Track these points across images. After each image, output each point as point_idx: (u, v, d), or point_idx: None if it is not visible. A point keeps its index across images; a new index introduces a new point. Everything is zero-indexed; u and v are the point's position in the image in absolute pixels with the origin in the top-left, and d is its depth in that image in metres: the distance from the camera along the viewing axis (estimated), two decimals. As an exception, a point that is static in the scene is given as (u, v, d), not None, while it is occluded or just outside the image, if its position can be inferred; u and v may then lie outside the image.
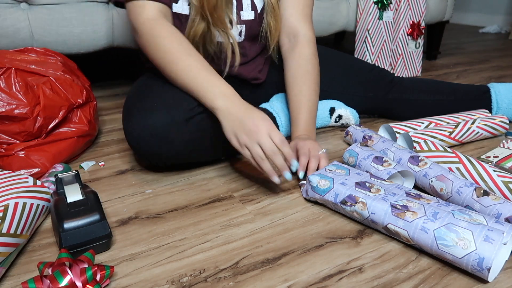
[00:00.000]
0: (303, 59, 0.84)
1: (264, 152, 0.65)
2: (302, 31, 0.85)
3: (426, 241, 0.54)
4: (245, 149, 0.66)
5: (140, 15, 0.73)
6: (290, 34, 0.86)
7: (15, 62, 0.82)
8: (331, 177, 0.67)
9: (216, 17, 0.77)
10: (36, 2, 1.04)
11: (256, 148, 0.64)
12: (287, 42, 0.87)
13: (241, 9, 0.83)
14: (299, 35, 0.85)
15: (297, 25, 0.85)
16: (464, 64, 1.76)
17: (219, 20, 0.78)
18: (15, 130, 0.78)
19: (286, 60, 0.86)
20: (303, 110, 0.82)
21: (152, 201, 0.72)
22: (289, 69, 0.85)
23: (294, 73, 0.84)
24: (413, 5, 1.47)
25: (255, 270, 0.55)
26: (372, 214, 0.60)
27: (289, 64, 0.85)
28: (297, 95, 0.83)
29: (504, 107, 1.02)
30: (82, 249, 0.56)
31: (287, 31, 0.86)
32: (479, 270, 0.50)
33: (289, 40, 0.86)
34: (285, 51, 0.87)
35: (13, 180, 0.62)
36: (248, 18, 0.84)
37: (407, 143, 0.90)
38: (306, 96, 0.83)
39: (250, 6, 0.83)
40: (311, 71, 0.84)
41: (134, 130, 0.72)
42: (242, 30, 0.85)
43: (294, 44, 0.86)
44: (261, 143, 0.64)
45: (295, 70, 0.84)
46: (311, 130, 0.82)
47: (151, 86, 0.78)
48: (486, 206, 0.61)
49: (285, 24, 0.86)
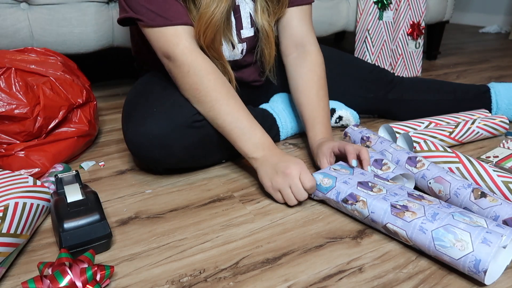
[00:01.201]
0: (318, 66, 0.85)
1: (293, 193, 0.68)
2: (310, 41, 0.87)
3: (423, 241, 0.54)
4: (278, 193, 0.69)
5: (177, 45, 0.70)
6: (298, 44, 0.86)
7: (15, 62, 0.82)
8: (334, 176, 0.68)
9: (213, 51, 0.76)
10: (36, 2, 1.04)
11: (287, 191, 0.68)
12: (295, 51, 0.87)
13: (241, 28, 0.82)
14: (307, 45, 0.86)
15: (306, 35, 0.86)
16: (464, 64, 1.76)
17: (216, 53, 0.77)
18: (15, 130, 0.78)
19: (296, 67, 0.86)
20: (322, 114, 0.82)
21: (152, 201, 0.72)
22: (301, 75, 0.85)
23: (309, 78, 0.84)
24: (413, 5, 1.47)
25: (255, 270, 0.55)
26: (372, 213, 0.60)
27: (301, 71, 0.85)
28: (314, 99, 0.83)
29: (504, 107, 1.02)
30: (82, 249, 0.56)
31: (295, 40, 0.86)
32: (476, 272, 0.50)
33: (297, 49, 0.87)
34: (293, 59, 0.87)
35: (13, 180, 0.62)
36: (248, 36, 0.84)
37: (407, 143, 0.90)
38: (324, 100, 0.83)
39: (250, 23, 0.83)
40: (324, 77, 0.86)
41: (133, 136, 0.72)
42: (243, 48, 0.85)
43: (305, 53, 0.86)
44: (292, 186, 0.67)
45: (311, 76, 0.84)
46: (331, 132, 0.83)
47: (151, 90, 0.78)
48: (483, 208, 0.61)
49: (292, 33, 0.86)
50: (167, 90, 0.76)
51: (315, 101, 0.82)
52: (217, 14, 0.72)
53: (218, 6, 0.72)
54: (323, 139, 0.79)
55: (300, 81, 0.85)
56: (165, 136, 0.71)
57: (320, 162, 0.76)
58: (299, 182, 0.67)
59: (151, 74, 0.86)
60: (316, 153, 0.78)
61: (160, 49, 0.72)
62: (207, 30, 0.73)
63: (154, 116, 0.71)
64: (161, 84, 0.79)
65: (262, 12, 0.81)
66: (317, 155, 0.77)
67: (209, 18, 0.72)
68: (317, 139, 0.80)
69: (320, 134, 0.80)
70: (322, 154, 0.76)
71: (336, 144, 0.75)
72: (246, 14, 0.82)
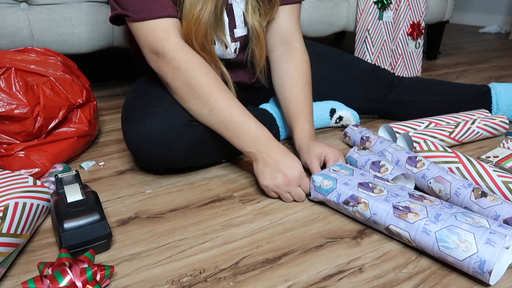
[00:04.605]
0: (304, 64, 0.85)
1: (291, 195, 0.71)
2: (296, 39, 0.86)
3: (427, 242, 0.54)
4: (273, 193, 0.71)
5: (167, 39, 0.68)
6: (284, 40, 0.86)
7: (15, 62, 0.82)
8: (334, 177, 0.67)
9: (206, 53, 0.76)
10: (36, 2, 1.04)
11: (286, 195, 0.70)
12: (281, 47, 0.86)
13: (234, 27, 0.82)
14: (293, 42, 0.86)
15: (292, 32, 0.86)
16: (464, 64, 1.76)
17: (210, 55, 0.76)
18: (15, 130, 0.78)
19: (282, 63, 0.86)
20: (308, 110, 0.82)
21: (152, 201, 0.72)
22: (287, 71, 0.85)
23: (295, 74, 0.84)
24: (413, 5, 1.47)
25: (255, 270, 0.55)
26: (374, 214, 0.60)
27: (287, 67, 0.85)
28: (301, 95, 0.83)
29: (504, 107, 1.02)
30: (82, 249, 0.56)
31: (281, 37, 0.86)
32: (480, 273, 0.50)
33: (283, 45, 0.86)
34: (279, 55, 0.86)
35: (13, 180, 0.62)
36: (242, 35, 0.83)
37: (407, 143, 0.90)
38: (309, 98, 0.84)
39: (243, 22, 0.82)
40: (310, 75, 0.86)
41: (133, 136, 0.72)
42: (237, 47, 0.84)
43: (291, 50, 0.86)
44: (291, 192, 0.70)
45: (297, 72, 0.84)
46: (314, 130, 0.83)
47: (150, 90, 0.78)
48: (484, 208, 0.61)
49: (278, 30, 0.85)
50: (166, 90, 0.76)
51: (302, 97, 0.82)
52: (205, 15, 0.71)
53: (204, 7, 0.70)
54: (311, 137, 0.80)
55: (286, 77, 0.85)
56: (165, 135, 0.71)
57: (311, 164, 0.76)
58: (298, 188, 0.69)
59: (150, 74, 0.86)
60: (307, 152, 0.77)
61: (148, 45, 0.70)
62: (197, 33, 0.71)
63: (154, 116, 0.71)
64: (160, 83, 0.78)
65: (253, 12, 0.80)
66: (308, 154, 0.77)
67: (197, 20, 0.70)
68: (305, 134, 0.80)
69: (307, 130, 0.80)
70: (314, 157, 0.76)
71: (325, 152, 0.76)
72: (239, 13, 0.81)
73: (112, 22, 0.74)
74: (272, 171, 0.69)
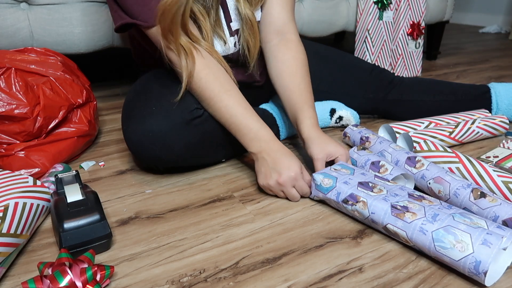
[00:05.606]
0: (301, 54, 0.84)
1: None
2: (291, 30, 0.85)
3: (424, 242, 0.54)
4: (269, 191, 0.72)
5: None
6: (278, 31, 0.85)
7: (15, 62, 0.82)
8: (334, 176, 0.68)
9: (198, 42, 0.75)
10: (36, 2, 1.04)
11: (280, 194, 0.72)
12: (275, 37, 0.85)
13: (230, 21, 0.82)
14: (288, 33, 0.85)
15: (286, 23, 0.85)
16: (464, 64, 1.76)
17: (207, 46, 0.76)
18: (15, 130, 0.78)
19: (279, 53, 0.84)
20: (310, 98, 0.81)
21: (152, 201, 0.72)
22: (284, 61, 0.83)
23: (294, 64, 0.83)
24: (413, 5, 1.47)
25: (255, 270, 0.55)
26: (372, 213, 0.60)
27: (284, 57, 0.84)
28: (302, 84, 0.82)
29: (504, 107, 1.02)
30: (82, 249, 0.56)
31: (275, 28, 0.85)
32: (476, 274, 0.50)
33: (277, 36, 0.85)
34: (274, 45, 0.85)
35: (13, 180, 0.62)
36: (238, 28, 0.83)
37: (407, 143, 0.90)
38: (310, 86, 0.82)
39: (238, 15, 0.82)
40: (307, 65, 0.85)
41: (133, 135, 0.72)
42: (236, 41, 0.84)
43: (286, 41, 0.84)
44: (284, 192, 0.71)
45: (295, 62, 0.83)
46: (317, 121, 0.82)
47: (150, 89, 0.78)
48: (483, 209, 0.61)
49: (272, 21, 0.84)
50: (166, 89, 0.76)
51: (303, 86, 0.81)
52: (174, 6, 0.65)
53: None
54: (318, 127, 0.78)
55: (284, 67, 0.83)
56: (164, 134, 0.71)
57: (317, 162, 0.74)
58: (292, 189, 0.70)
59: (150, 73, 0.86)
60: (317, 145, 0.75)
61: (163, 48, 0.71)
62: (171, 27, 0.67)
63: (154, 115, 0.71)
64: (160, 82, 0.78)
65: (245, 1, 0.80)
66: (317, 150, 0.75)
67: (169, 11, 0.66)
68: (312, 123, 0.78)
69: (313, 118, 0.79)
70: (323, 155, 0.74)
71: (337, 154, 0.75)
72: (233, 7, 0.81)
73: (118, 31, 0.75)
74: (268, 170, 0.70)
